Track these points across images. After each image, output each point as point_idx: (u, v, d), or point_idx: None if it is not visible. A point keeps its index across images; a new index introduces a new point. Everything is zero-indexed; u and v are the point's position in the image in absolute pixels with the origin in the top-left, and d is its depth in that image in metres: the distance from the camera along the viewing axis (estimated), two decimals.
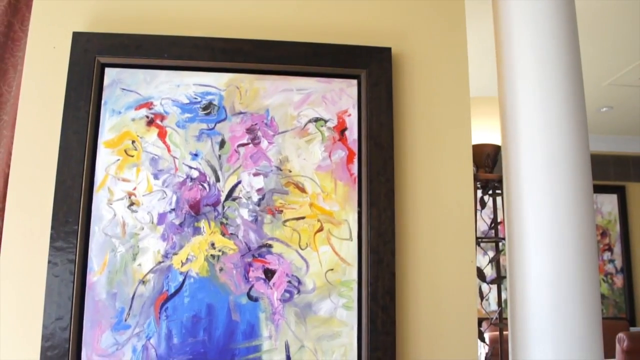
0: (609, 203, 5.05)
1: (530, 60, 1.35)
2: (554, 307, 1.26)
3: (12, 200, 1.24)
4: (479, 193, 1.57)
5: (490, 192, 1.50)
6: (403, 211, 1.26)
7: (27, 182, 1.24)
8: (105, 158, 1.24)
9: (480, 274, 1.37)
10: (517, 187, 1.32)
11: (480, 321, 1.39)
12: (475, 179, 1.37)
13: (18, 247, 1.22)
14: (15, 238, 1.23)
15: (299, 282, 1.21)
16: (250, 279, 1.20)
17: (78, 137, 1.22)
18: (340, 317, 1.20)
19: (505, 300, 1.39)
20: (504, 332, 1.49)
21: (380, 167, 1.24)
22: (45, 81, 1.28)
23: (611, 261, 4.80)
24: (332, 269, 1.21)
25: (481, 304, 1.28)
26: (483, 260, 1.98)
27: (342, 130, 1.27)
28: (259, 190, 1.23)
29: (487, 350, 1.54)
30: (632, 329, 3.65)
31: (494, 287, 1.89)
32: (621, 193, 5.23)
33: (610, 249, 4.87)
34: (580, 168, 1.33)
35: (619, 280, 4.79)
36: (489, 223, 1.50)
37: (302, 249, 1.21)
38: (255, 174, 1.23)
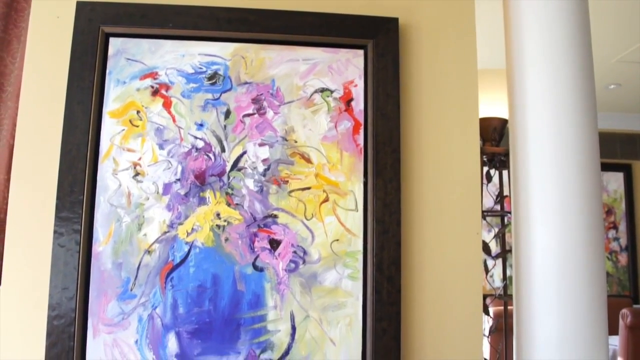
0: (615, 181, 5.02)
1: (539, 34, 1.34)
2: (559, 281, 1.26)
3: (17, 171, 1.24)
4: (485, 167, 1.56)
5: (497, 165, 1.49)
6: (409, 182, 1.25)
7: (32, 153, 1.24)
8: (110, 128, 1.23)
9: (486, 248, 1.37)
10: (523, 162, 1.31)
11: (484, 297, 1.39)
12: (482, 152, 1.36)
13: (24, 218, 1.22)
14: (21, 209, 1.23)
15: (305, 252, 1.21)
16: (256, 249, 1.20)
17: (82, 108, 1.21)
18: (345, 287, 1.20)
19: (510, 277, 1.39)
20: (509, 307, 1.49)
21: (386, 138, 1.23)
22: (49, 51, 1.27)
23: (616, 239, 4.79)
24: (337, 240, 1.21)
25: (486, 278, 1.28)
26: (488, 236, 1.98)
27: (348, 100, 1.26)
28: (264, 160, 1.22)
29: (491, 324, 1.55)
30: (636, 306, 3.65)
31: (499, 263, 1.89)
32: (627, 171, 5.19)
33: (615, 227, 4.86)
34: (588, 143, 1.32)
35: (623, 259, 4.78)
36: (494, 197, 1.50)
37: (307, 220, 1.21)
38: (261, 144, 1.23)
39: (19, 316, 1.20)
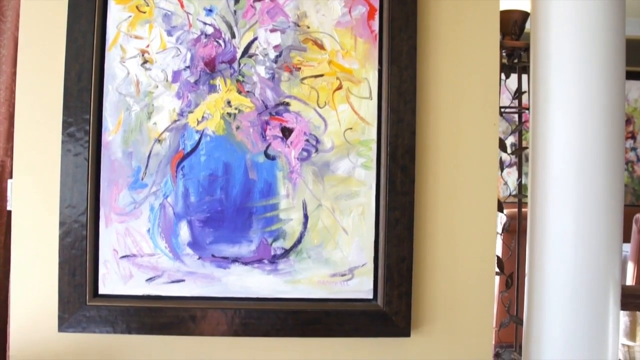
0: (636, 90, 4.75)
1: None
2: (577, 177, 1.23)
3: (23, 64, 1.21)
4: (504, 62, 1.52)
5: (516, 60, 1.44)
6: (425, 70, 1.21)
7: (37, 43, 1.21)
8: (116, 15, 1.19)
9: (502, 145, 1.34)
10: (544, 57, 1.27)
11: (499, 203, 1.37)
12: (501, 46, 1.31)
13: (32, 110, 1.20)
14: (28, 101, 1.20)
15: (317, 140, 1.18)
16: (268, 138, 1.18)
17: None
18: (358, 176, 1.19)
19: (526, 172, 1.36)
20: (523, 210, 1.47)
21: (402, 24, 1.18)
22: None
23: (633, 149, 4.66)
24: (350, 128, 1.18)
25: (501, 175, 1.26)
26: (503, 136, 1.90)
27: None
28: (275, 47, 1.18)
29: (505, 222, 1.53)
30: None
31: (514, 172, 1.87)
32: None
33: (633, 136, 4.70)
34: (613, 43, 1.26)
35: (639, 169, 4.64)
36: (512, 94, 1.46)
37: (320, 108, 1.18)
38: (272, 30, 1.18)
39: (32, 207, 1.20)
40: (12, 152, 1.23)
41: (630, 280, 2.26)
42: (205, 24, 1.18)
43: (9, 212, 1.26)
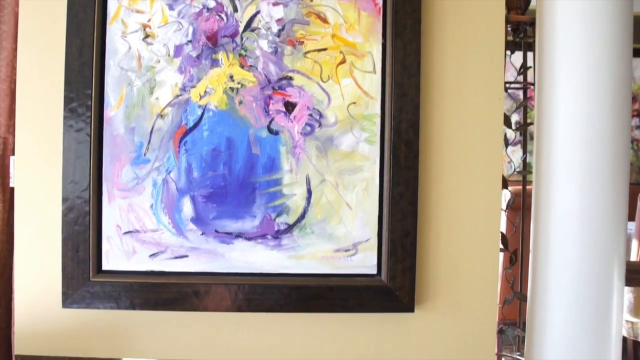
0: None
1: None
2: (583, 150, 1.22)
3: (24, 40, 1.20)
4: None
5: (522, 35, 1.43)
6: (429, 44, 1.20)
7: (37, 18, 1.20)
8: None
9: (506, 121, 1.33)
10: (550, 32, 1.25)
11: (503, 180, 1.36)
12: (506, 21, 1.30)
13: (32, 86, 1.20)
14: (29, 77, 1.20)
15: (320, 115, 1.17)
16: (271, 112, 1.17)
17: None
18: (362, 151, 1.18)
19: (531, 151, 1.35)
20: (527, 187, 1.46)
21: None
22: None
23: (638, 127, 4.62)
24: (354, 103, 1.17)
25: (505, 152, 1.25)
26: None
27: None
28: (278, 20, 1.17)
29: (509, 199, 1.53)
30: None
31: (518, 150, 1.86)
32: None
33: (639, 114, 4.65)
34: (620, 22, 1.24)
35: None
36: (517, 69, 1.45)
37: (323, 82, 1.17)
38: (275, 4, 1.17)
39: (34, 184, 1.20)
40: (14, 129, 1.23)
41: (634, 259, 2.26)
42: None
43: (12, 189, 1.25)
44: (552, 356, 1.24)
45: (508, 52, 1.42)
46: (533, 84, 1.32)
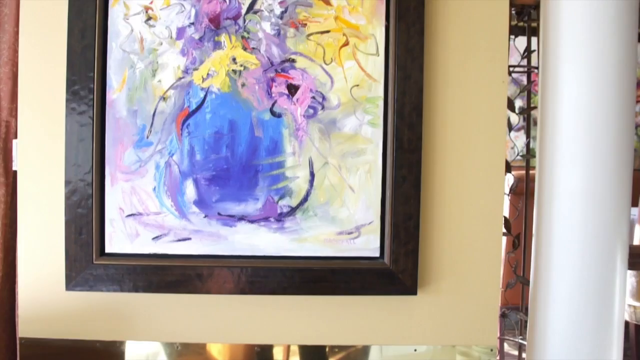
0: None
1: None
2: (587, 134, 1.22)
3: (25, 22, 1.19)
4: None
5: (526, 18, 1.42)
6: (433, 26, 1.19)
7: (39, 1, 1.19)
8: None
9: (510, 105, 1.32)
10: (554, 15, 1.24)
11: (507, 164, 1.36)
12: (510, 4, 1.29)
13: (34, 69, 1.19)
14: (31, 59, 1.19)
15: (323, 97, 1.17)
16: (273, 95, 1.17)
17: None
18: (365, 134, 1.17)
19: (534, 137, 1.35)
20: (530, 172, 1.46)
21: None
22: None
23: None
24: (357, 85, 1.17)
25: (509, 134, 1.24)
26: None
27: None
28: (281, 2, 1.16)
29: (512, 183, 1.52)
30: None
31: (521, 136, 1.86)
32: None
33: None
34: (625, 6, 1.23)
35: None
36: (521, 53, 1.44)
37: (326, 64, 1.17)
38: None
39: (37, 167, 1.20)
40: (17, 112, 1.23)
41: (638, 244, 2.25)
42: None
43: (15, 172, 1.25)
44: (554, 340, 1.24)
45: (512, 37, 1.41)
46: (537, 68, 1.31)
